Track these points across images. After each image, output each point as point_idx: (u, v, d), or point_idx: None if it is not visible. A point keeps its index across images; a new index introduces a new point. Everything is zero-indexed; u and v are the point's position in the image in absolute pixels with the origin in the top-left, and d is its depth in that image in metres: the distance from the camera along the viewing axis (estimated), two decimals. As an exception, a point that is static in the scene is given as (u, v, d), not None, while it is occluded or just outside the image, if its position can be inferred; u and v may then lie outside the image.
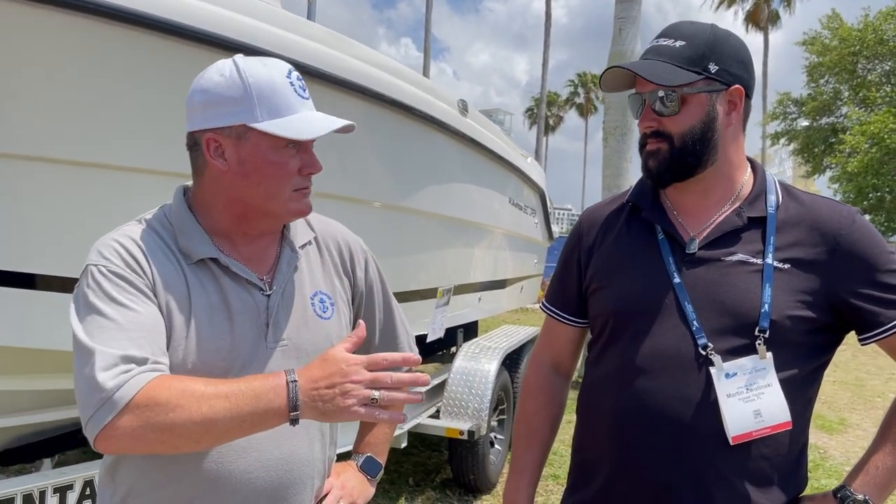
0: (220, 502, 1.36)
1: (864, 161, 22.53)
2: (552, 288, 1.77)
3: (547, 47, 34.81)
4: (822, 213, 1.46)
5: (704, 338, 1.41)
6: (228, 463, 1.35)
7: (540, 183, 6.94)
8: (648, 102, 1.47)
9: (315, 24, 3.20)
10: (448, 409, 4.74)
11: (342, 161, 3.37)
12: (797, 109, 28.08)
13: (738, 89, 1.46)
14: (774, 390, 1.39)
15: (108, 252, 1.33)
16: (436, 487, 5.10)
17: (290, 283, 1.46)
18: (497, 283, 6.29)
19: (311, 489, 1.46)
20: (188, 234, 1.39)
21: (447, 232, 4.73)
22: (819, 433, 6.93)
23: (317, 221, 1.60)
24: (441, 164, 4.34)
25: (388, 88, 3.47)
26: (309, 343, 1.44)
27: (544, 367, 1.79)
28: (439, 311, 4.76)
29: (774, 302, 1.39)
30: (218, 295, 1.38)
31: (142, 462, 1.36)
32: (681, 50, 1.44)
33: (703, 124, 1.45)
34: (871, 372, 10.58)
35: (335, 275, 1.56)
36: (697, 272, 1.46)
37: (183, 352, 1.32)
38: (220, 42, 2.49)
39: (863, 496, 1.36)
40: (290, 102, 1.36)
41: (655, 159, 1.48)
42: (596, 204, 1.76)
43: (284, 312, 1.43)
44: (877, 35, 24.48)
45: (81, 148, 2.39)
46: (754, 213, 1.47)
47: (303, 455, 1.43)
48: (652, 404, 1.42)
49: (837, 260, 1.41)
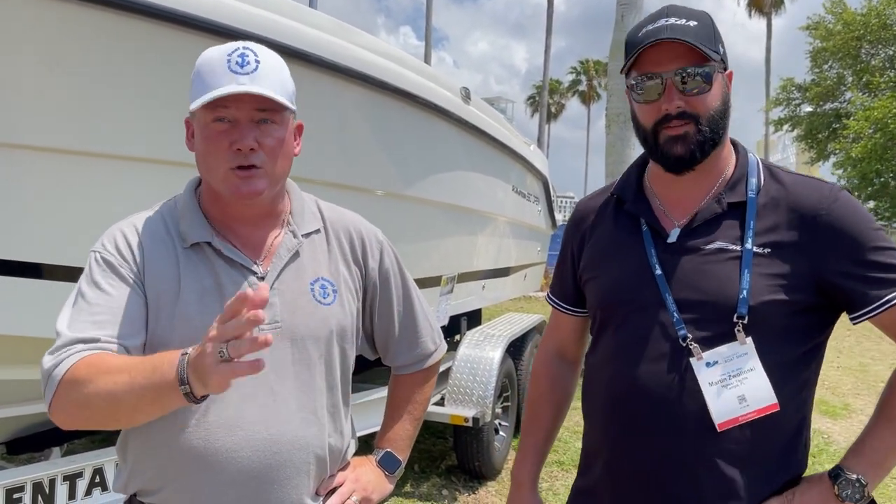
0: (208, 479, 1.39)
1: (868, 147, 22.44)
2: (554, 279, 1.80)
3: (549, 33, 34.64)
4: (802, 193, 1.43)
5: (684, 328, 1.41)
6: (215, 440, 1.38)
7: (543, 170, 6.93)
8: (672, 82, 1.40)
9: (318, 13, 3.19)
10: (453, 397, 4.77)
11: (345, 150, 3.38)
12: (801, 95, 27.96)
13: (731, 74, 1.48)
14: (758, 374, 1.38)
15: (108, 240, 1.44)
16: (441, 474, 5.12)
17: (288, 268, 1.47)
18: (501, 270, 6.30)
19: (307, 475, 1.45)
20: (188, 220, 1.46)
21: (450, 220, 4.73)
22: (823, 418, 6.95)
23: (330, 211, 1.61)
24: (444, 152, 4.33)
25: (390, 76, 3.46)
26: (304, 327, 1.45)
27: (549, 355, 1.83)
28: (443, 300, 4.77)
29: (753, 287, 1.37)
30: (211, 278, 1.42)
31: (141, 439, 1.42)
32: (697, 29, 1.40)
33: (723, 104, 1.44)
34: (875, 357, 10.58)
35: (343, 263, 1.56)
36: (678, 262, 1.45)
37: (170, 331, 1.38)
38: (223, 31, 2.48)
39: (856, 476, 1.36)
40: (218, 77, 1.35)
41: (685, 143, 1.41)
42: (588, 195, 1.78)
43: (280, 296, 1.44)
44: (880, 20, 24.33)
45: (79, 137, 2.39)
46: (734, 199, 1.45)
47: (294, 438, 1.42)
48: (638, 394, 1.44)
49: (819, 240, 1.38)
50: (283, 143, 1.43)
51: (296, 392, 1.44)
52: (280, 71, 1.43)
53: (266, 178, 1.41)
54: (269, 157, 1.40)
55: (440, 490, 4.84)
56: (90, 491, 2.63)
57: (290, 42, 2.80)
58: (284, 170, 1.47)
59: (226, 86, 1.34)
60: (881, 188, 24.22)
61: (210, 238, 1.44)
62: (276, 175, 1.43)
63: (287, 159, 1.46)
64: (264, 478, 1.40)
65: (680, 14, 1.43)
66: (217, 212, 1.48)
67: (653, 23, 1.43)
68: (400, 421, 1.70)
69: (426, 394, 1.75)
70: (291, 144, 1.48)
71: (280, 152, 1.43)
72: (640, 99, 1.45)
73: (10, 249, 2.37)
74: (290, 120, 1.46)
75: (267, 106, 1.38)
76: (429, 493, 4.77)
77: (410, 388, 1.73)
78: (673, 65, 1.39)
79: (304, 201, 1.58)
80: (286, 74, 1.45)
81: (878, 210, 24.93)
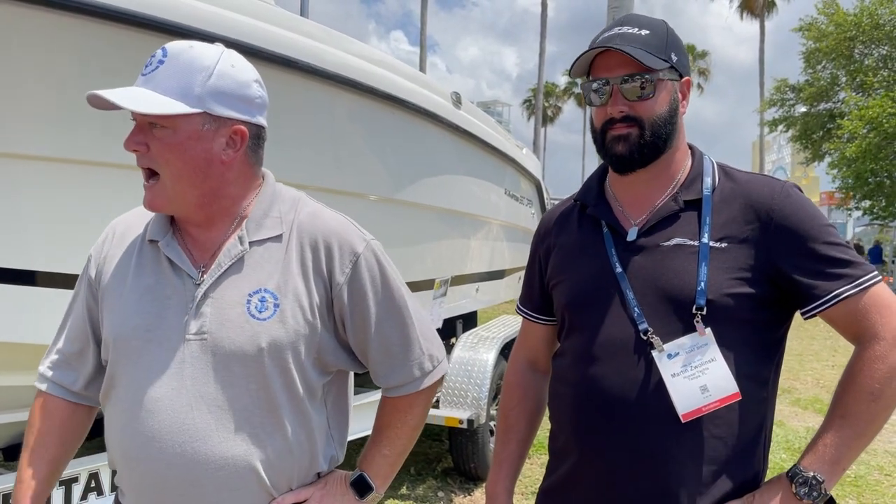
0: (136, 482, 1.42)
1: (863, 146, 22.46)
2: (523, 290, 1.83)
3: (543, 37, 34.69)
4: (755, 189, 1.47)
5: (645, 323, 1.45)
6: (135, 449, 1.39)
7: (536, 173, 6.97)
8: (617, 87, 1.47)
9: (309, 21, 3.23)
10: (448, 399, 4.80)
11: (337, 155, 3.41)
12: (795, 96, 27.99)
13: (688, 81, 1.54)
14: (718, 364, 1.42)
15: (100, 236, 1.55)
16: (437, 476, 5.15)
17: (228, 276, 1.39)
18: (494, 273, 6.33)
19: (237, 493, 1.38)
20: (156, 218, 1.47)
21: (444, 224, 4.77)
22: (817, 417, 6.98)
23: (307, 215, 1.48)
24: (436, 156, 4.37)
25: (381, 83, 3.50)
26: (230, 342, 1.36)
27: (520, 365, 1.84)
28: (437, 303, 4.80)
29: (711, 280, 1.41)
30: (154, 278, 1.42)
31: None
32: (647, 38, 1.47)
33: (670, 110, 1.49)
34: (870, 356, 10.59)
35: (300, 275, 1.42)
36: (638, 260, 1.49)
37: (108, 325, 1.45)
38: (215, 40, 2.52)
39: (812, 473, 1.36)
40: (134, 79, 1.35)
41: (626, 143, 1.48)
42: (554, 206, 1.82)
43: (212, 306, 1.37)
44: (872, 20, 24.39)
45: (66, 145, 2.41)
46: (690, 196, 1.50)
47: (213, 456, 1.35)
48: (603, 391, 1.47)
49: (771, 234, 1.42)
50: (174, 149, 1.33)
51: (215, 410, 1.36)
52: (186, 69, 1.32)
53: (162, 189, 1.36)
54: (160, 162, 1.34)
55: (436, 492, 4.87)
56: (86, 495, 2.66)
57: (283, 51, 2.84)
58: (190, 176, 1.35)
59: (128, 87, 1.33)
60: (876, 187, 24.23)
61: (161, 237, 1.43)
62: (177, 186, 1.35)
63: (192, 165, 1.34)
64: (183, 491, 1.37)
65: (634, 23, 1.50)
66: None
67: (609, 30, 1.51)
68: (378, 445, 1.57)
69: (411, 421, 1.58)
70: (199, 150, 1.35)
71: (176, 157, 1.33)
72: (591, 102, 1.53)
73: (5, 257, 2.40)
74: (199, 124, 1.34)
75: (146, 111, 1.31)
76: (425, 496, 4.80)
77: (392, 413, 1.57)
78: (620, 71, 1.46)
79: (274, 204, 1.46)
80: (198, 72, 1.33)
81: (872, 210, 24.98)
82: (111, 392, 1.46)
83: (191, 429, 1.35)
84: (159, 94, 1.30)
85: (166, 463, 1.35)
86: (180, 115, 1.32)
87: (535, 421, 1.82)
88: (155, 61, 1.33)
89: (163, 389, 1.36)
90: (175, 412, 1.36)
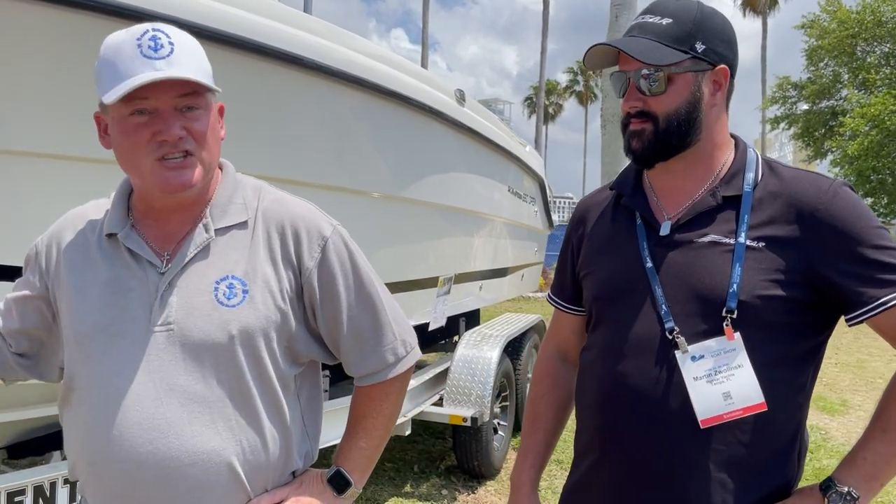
0: (103, 486, 1.34)
1: (865, 144, 22.45)
2: (554, 278, 1.79)
3: (545, 35, 34.67)
4: (800, 188, 1.39)
5: (671, 321, 1.39)
6: (102, 451, 1.31)
7: (539, 171, 6.96)
8: (633, 81, 1.42)
9: (312, 17, 3.22)
10: (451, 397, 4.79)
11: (341, 153, 3.40)
12: (797, 93, 27.96)
13: (723, 69, 1.44)
14: (745, 371, 1.34)
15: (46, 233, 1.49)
16: (440, 474, 5.15)
17: (193, 265, 1.36)
18: (498, 271, 6.32)
19: (211, 492, 1.33)
20: (112, 210, 1.41)
21: (447, 221, 4.76)
22: (821, 414, 6.98)
23: (271, 202, 1.45)
24: (439, 153, 4.36)
25: (385, 79, 3.49)
26: (198, 330, 1.32)
27: (550, 354, 1.80)
28: (440, 300, 4.79)
29: (744, 281, 1.34)
30: (114, 270, 1.37)
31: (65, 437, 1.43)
32: (667, 28, 1.40)
33: (688, 104, 1.42)
34: (873, 353, 10.60)
35: (268, 261, 1.40)
36: (669, 255, 1.43)
37: (68, 323, 1.38)
38: (218, 37, 2.51)
39: (847, 488, 1.30)
40: (130, 66, 1.24)
41: (640, 140, 1.44)
42: (590, 193, 1.76)
43: (178, 295, 1.34)
44: (875, 17, 24.35)
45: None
46: (730, 192, 1.42)
47: (185, 452, 1.30)
48: (625, 390, 1.42)
49: (815, 235, 1.34)
50: (211, 129, 1.34)
51: (187, 402, 1.31)
52: (196, 50, 1.32)
53: (200, 167, 1.32)
54: (199, 144, 1.31)
55: (440, 490, 4.86)
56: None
57: (287, 47, 2.83)
58: (215, 157, 1.38)
59: (142, 73, 1.23)
60: (878, 185, 24.23)
61: (120, 229, 1.38)
62: (208, 163, 1.35)
63: (217, 145, 1.37)
64: (154, 492, 1.30)
65: (659, 11, 1.43)
66: (139, 203, 1.41)
67: (636, 19, 1.46)
68: (354, 438, 1.52)
69: (386, 410, 1.54)
70: (218, 128, 1.38)
71: (210, 138, 1.33)
72: (615, 94, 1.50)
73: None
74: (213, 102, 1.37)
75: (189, 90, 1.29)
76: (428, 493, 4.79)
77: (366, 403, 1.53)
78: (634, 64, 1.41)
79: (237, 191, 1.44)
80: (202, 53, 1.34)
81: (875, 207, 24.94)
82: (71, 395, 1.38)
83: (161, 424, 1.29)
84: (193, 74, 1.27)
85: (136, 462, 1.29)
86: (211, 92, 1.33)
87: (564, 412, 1.77)
88: (165, 43, 1.27)
89: (130, 384, 1.30)
90: (144, 407, 1.30)
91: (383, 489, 4.81)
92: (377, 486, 4.83)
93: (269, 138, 2.95)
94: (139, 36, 1.26)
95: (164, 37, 1.27)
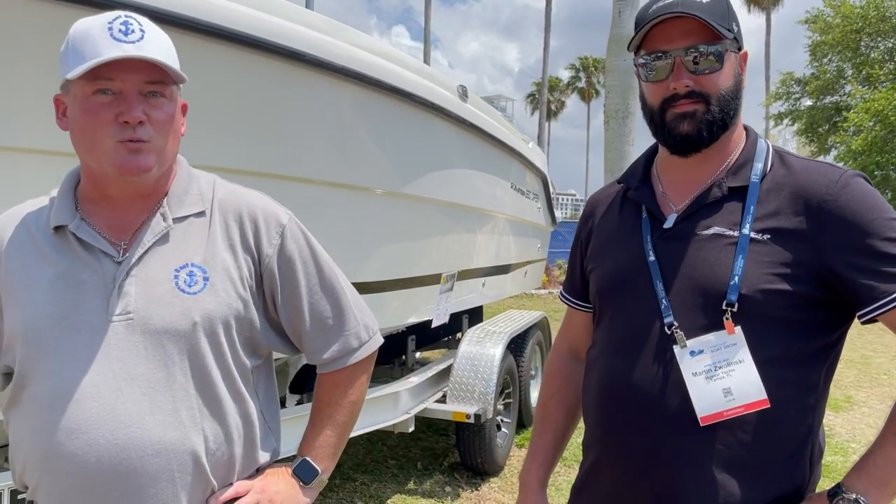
0: (58, 484, 1.29)
1: (869, 139, 22.38)
2: (566, 276, 1.77)
3: (548, 31, 34.61)
4: (809, 178, 1.34)
5: (671, 316, 1.35)
6: (58, 444, 1.27)
7: (542, 168, 6.94)
8: (681, 60, 1.34)
9: (314, 13, 3.21)
10: (454, 394, 4.79)
11: (343, 149, 3.39)
12: (800, 89, 27.88)
13: (745, 54, 1.41)
14: (747, 367, 1.30)
15: None
16: (444, 471, 5.14)
17: (152, 254, 1.35)
18: (501, 268, 6.31)
19: (173, 484, 1.30)
20: (59, 203, 1.38)
21: (450, 218, 4.75)
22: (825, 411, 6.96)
23: (226, 193, 1.46)
24: (442, 150, 4.35)
25: (387, 75, 3.48)
26: (159, 319, 1.31)
27: (562, 353, 1.79)
28: (443, 297, 4.79)
29: (746, 275, 1.30)
30: (65, 263, 1.34)
31: (11, 437, 1.37)
32: (710, 6, 1.33)
33: (735, 84, 1.38)
34: (878, 349, 10.58)
35: (227, 249, 1.40)
36: (672, 248, 1.40)
37: (17, 322, 1.33)
38: (220, 33, 2.50)
39: (855, 495, 1.24)
40: (98, 46, 1.24)
41: (692, 121, 1.36)
42: (599, 189, 1.75)
43: (136, 285, 1.32)
44: (879, 12, 24.27)
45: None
46: (736, 183, 1.38)
47: (147, 442, 1.27)
48: (623, 386, 1.39)
49: (823, 228, 1.29)
50: (172, 120, 1.33)
51: (148, 391, 1.29)
52: (166, 43, 1.32)
53: (155, 154, 1.31)
54: (158, 132, 1.30)
55: (443, 487, 4.86)
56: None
57: (289, 43, 2.82)
58: (173, 150, 1.37)
59: (109, 54, 1.23)
60: (882, 181, 24.15)
61: (69, 220, 1.35)
62: (164, 154, 1.34)
63: (176, 138, 1.37)
64: (114, 486, 1.27)
65: None
66: (91, 192, 1.38)
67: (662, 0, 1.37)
68: (319, 426, 1.51)
69: (352, 396, 1.54)
70: (180, 123, 1.38)
71: (170, 129, 1.33)
72: (648, 78, 1.40)
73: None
74: (178, 97, 1.37)
75: (156, 78, 1.28)
76: (432, 490, 4.79)
77: (331, 390, 1.53)
78: (683, 42, 1.34)
79: (192, 182, 1.44)
80: (172, 47, 1.34)
81: (879, 202, 24.89)
82: (22, 394, 1.34)
83: (122, 414, 1.26)
84: (162, 58, 1.27)
85: (95, 456, 1.25)
86: (176, 85, 1.34)
87: (574, 412, 1.73)
88: (136, 29, 1.28)
89: (87, 376, 1.27)
90: (103, 398, 1.27)
91: (387, 486, 4.81)
92: (381, 483, 4.83)
93: (271, 135, 2.94)
94: (111, 20, 1.27)
95: (135, 23, 1.28)
